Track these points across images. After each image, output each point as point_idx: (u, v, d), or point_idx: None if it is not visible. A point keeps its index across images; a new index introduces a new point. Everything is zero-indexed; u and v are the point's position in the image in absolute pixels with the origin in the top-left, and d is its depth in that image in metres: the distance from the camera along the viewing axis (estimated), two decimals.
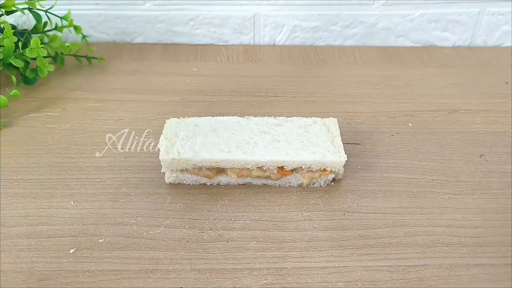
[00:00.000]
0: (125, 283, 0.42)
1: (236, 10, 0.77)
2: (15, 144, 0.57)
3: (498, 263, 0.44)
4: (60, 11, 0.70)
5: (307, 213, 0.49)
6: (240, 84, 0.69)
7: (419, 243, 0.46)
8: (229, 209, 0.49)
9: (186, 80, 0.70)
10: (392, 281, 0.42)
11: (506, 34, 0.79)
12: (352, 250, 0.45)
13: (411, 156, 0.56)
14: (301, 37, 0.80)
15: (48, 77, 0.67)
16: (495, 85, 0.69)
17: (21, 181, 0.52)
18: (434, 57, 0.77)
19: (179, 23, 0.78)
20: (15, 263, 0.43)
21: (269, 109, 0.63)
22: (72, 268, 0.43)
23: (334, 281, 0.42)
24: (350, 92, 0.67)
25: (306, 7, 0.76)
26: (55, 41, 0.68)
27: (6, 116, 0.61)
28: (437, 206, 0.50)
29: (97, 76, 0.70)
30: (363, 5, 0.76)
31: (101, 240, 0.45)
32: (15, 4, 0.63)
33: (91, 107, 0.64)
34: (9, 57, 0.61)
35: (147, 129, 0.59)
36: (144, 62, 0.74)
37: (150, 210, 0.49)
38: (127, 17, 0.78)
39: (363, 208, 0.49)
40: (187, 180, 0.52)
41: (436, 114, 0.63)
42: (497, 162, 0.55)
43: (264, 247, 0.45)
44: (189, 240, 0.46)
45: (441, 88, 0.69)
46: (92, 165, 0.54)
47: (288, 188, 0.52)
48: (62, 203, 0.49)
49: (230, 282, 0.42)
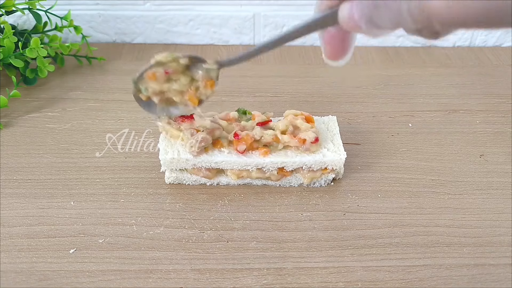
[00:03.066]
0: (125, 283, 0.42)
1: (236, 10, 0.77)
2: (15, 144, 0.57)
3: (498, 263, 0.44)
4: (60, 11, 0.70)
5: (307, 213, 0.49)
6: (240, 84, 0.69)
7: (419, 243, 0.46)
8: (229, 209, 0.49)
9: None
10: (392, 281, 0.42)
11: (506, 34, 0.79)
12: (352, 250, 0.45)
13: (411, 156, 0.56)
14: None
15: (48, 77, 0.67)
16: (495, 85, 0.69)
17: (21, 181, 0.52)
18: (434, 57, 0.77)
19: (179, 23, 0.78)
20: (15, 263, 0.43)
21: (269, 109, 0.63)
22: (72, 268, 0.43)
23: (334, 281, 0.42)
24: (350, 92, 0.67)
25: (306, 7, 0.76)
26: (55, 41, 0.68)
27: (6, 116, 0.61)
28: (437, 206, 0.50)
29: (97, 76, 0.70)
30: None
31: (101, 240, 0.45)
32: (15, 4, 0.63)
33: (91, 107, 0.64)
34: (9, 57, 0.61)
35: (147, 129, 0.59)
36: (144, 62, 0.73)
37: (150, 210, 0.49)
38: (127, 17, 0.78)
39: (363, 208, 0.49)
40: (187, 180, 0.52)
41: (436, 114, 0.63)
42: (497, 162, 0.55)
43: (264, 247, 0.45)
44: (189, 240, 0.46)
45: (441, 88, 0.69)
46: (92, 165, 0.54)
47: (288, 188, 0.52)
48: (62, 203, 0.49)
49: (230, 282, 0.42)
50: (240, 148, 0.49)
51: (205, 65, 0.45)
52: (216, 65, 0.45)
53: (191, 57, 0.45)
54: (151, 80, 0.46)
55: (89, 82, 0.69)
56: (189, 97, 0.47)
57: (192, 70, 0.46)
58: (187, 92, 0.47)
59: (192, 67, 0.46)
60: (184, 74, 0.46)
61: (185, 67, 0.46)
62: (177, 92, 0.47)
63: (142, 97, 0.48)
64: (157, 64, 0.45)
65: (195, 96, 0.47)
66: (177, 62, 0.45)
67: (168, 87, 0.46)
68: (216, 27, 0.79)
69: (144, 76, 0.46)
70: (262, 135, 0.49)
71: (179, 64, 0.45)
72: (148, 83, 0.46)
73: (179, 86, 0.46)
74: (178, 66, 0.45)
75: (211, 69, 0.45)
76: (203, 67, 0.45)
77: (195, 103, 0.47)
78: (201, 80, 0.46)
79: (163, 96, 0.47)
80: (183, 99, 0.47)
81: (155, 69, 0.46)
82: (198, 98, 0.47)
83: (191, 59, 0.45)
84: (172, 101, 0.48)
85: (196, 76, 0.46)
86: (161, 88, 0.46)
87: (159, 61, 0.45)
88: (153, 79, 0.46)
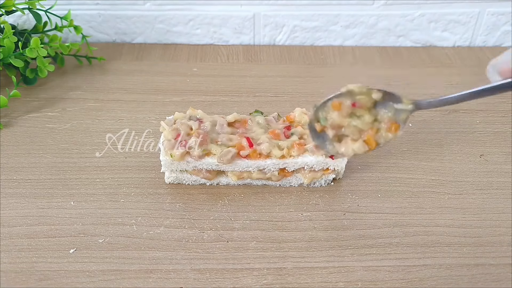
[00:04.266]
0: (125, 283, 0.42)
1: (236, 10, 0.77)
2: (15, 144, 0.57)
3: (498, 263, 0.44)
4: (60, 11, 0.70)
5: (307, 213, 0.49)
6: (240, 84, 0.69)
7: (419, 243, 0.46)
8: (229, 209, 0.49)
9: (186, 80, 0.70)
10: (392, 281, 0.42)
11: (506, 34, 0.79)
12: (352, 250, 0.45)
13: (411, 156, 0.56)
14: (301, 37, 0.80)
15: (48, 77, 0.67)
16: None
17: (21, 181, 0.52)
18: (434, 57, 0.77)
19: (179, 23, 0.78)
20: (15, 263, 0.43)
21: (269, 109, 0.63)
22: (72, 268, 0.43)
23: (334, 281, 0.42)
24: None
25: (306, 7, 0.76)
26: (55, 41, 0.68)
27: (6, 116, 0.61)
28: (437, 206, 0.50)
29: (97, 76, 0.70)
30: (363, 5, 0.76)
31: (101, 240, 0.45)
32: (15, 4, 0.63)
33: (91, 107, 0.64)
34: (9, 57, 0.61)
35: (147, 129, 0.59)
36: (144, 62, 0.74)
37: (150, 210, 0.49)
38: (127, 17, 0.77)
39: (363, 208, 0.49)
40: (186, 180, 0.52)
41: (436, 114, 0.63)
42: (497, 162, 0.55)
43: (264, 247, 0.45)
44: (189, 240, 0.46)
45: (441, 88, 0.69)
46: (92, 165, 0.54)
47: (288, 188, 0.52)
48: (62, 203, 0.49)
49: (230, 282, 0.42)
50: (243, 153, 0.48)
51: (397, 105, 0.41)
52: (412, 106, 0.40)
53: (386, 93, 0.41)
54: (335, 110, 0.43)
55: (89, 82, 0.69)
56: (367, 139, 0.43)
57: (379, 108, 0.42)
58: (366, 132, 0.43)
59: (380, 105, 0.42)
60: (369, 111, 0.42)
61: (373, 103, 0.42)
62: (356, 130, 0.43)
63: (317, 126, 0.44)
64: (346, 94, 0.42)
65: (374, 138, 0.43)
66: (369, 95, 0.41)
67: (349, 122, 0.43)
68: (216, 27, 0.79)
69: (328, 104, 0.43)
70: (269, 150, 0.48)
71: (369, 99, 0.42)
72: (330, 112, 0.43)
73: (361, 123, 0.43)
74: (368, 100, 0.42)
75: (403, 110, 0.41)
76: (394, 107, 0.41)
77: (372, 146, 0.44)
78: (386, 122, 0.42)
79: (339, 131, 0.44)
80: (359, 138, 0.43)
81: (344, 99, 0.42)
82: (376, 143, 0.43)
83: (385, 95, 0.41)
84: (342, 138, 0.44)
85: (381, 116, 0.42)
86: (342, 121, 0.43)
87: (351, 90, 0.42)
88: (337, 109, 0.42)
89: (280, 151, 0.48)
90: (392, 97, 0.42)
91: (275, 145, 0.49)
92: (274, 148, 0.48)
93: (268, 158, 0.49)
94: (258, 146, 0.48)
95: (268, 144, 0.48)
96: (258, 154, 0.48)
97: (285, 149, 0.48)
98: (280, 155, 0.48)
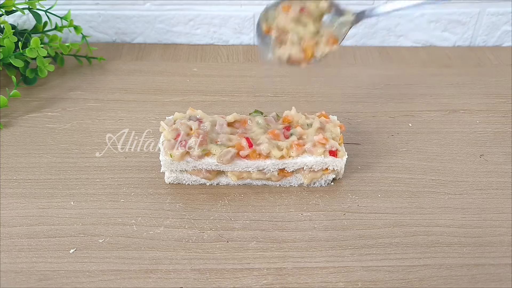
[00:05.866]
0: (125, 283, 0.42)
1: (236, 10, 0.77)
2: (15, 144, 0.57)
3: (498, 263, 0.44)
4: (60, 11, 0.70)
5: (307, 213, 0.49)
6: (240, 84, 0.69)
7: (419, 243, 0.46)
8: (229, 209, 0.49)
9: (186, 80, 0.70)
10: (392, 281, 0.42)
11: (506, 34, 0.79)
12: (352, 250, 0.45)
13: (411, 156, 0.56)
14: None
15: (48, 77, 0.67)
16: (495, 85, 0.69)
17: (21, 181, 0.52)
18: (434, 57, 0.77)
19: (179, 23, 0.78)
20: (15, 263, 0.43)
21: (269, 109, 0.63)
22: (72, 268, 0.43)
23: (334, 281, 0.42)
24: (350, 92, 0.67)
25: None
26: (55, 41, 0.68)
27: (6, 116, 0.61)
28: (437, 206, 0.50)
29: (97, 76, 0.70)
30: (363, 5, 0.76)
31: (101, 240, 0.45)
32: (15, 4, 0.63)
33: (91, 107, 0.64)
34: (9, 57, 0.61)
35: (147, 129, 0.59)
36: (144, 62, 0.74)
37: (150, 210, 0.49)
38: (127, 17, 0.77)
39: (363, 208, 0.49)
40: (186, 180, 0.52)
41: (436, 114, 0.63)
42: (497, 162, 0.55)
43: (264, 247, 0.45)
44: (189, 240, 0.46)
45: (441, 88, 0.69)
46: (92, 165, 0.54)
47: (288, 188, 0.52)
48: (62, 203, 0.49)
49: (230, 282, 0.42)
50: (242, 154, 0.49)
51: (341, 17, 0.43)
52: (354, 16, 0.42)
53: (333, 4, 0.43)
54: (284, 12, 0.44)
55: (89, 82, 0.69)
56: (305, 47, 0.45)
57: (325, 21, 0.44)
58: (306, 41, 0.45)
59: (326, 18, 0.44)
60: (314, 22, 0.44)
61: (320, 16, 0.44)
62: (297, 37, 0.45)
63: (264, 26, 0.45)
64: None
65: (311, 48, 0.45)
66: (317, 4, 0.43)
67: (293, 28, 0.44)
68: (216, 27, 0.79)
69: (279, 5, 0.44)
70: (269, 151, 0.48)
71: (317, 7, 0.43)
72: (279, 13, 0.44)
73: (304, 31, 0.44)
74: (316, 9, 0.43)
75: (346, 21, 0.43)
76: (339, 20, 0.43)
77: (308, 55, 0.45)
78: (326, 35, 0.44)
79: (282, 35, 0.45)
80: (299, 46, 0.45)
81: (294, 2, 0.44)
82: (313, 53, 0.45)
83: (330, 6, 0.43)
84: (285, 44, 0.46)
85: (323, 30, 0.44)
86: (287, 24, 0.44)
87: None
88: (286, 11, 0.44)
89: (279, 151, 0.48)
90: (338, 10, 0.44)
91: (275, 145, 0.49)
92: (273, 148, 0.48)
93: (268, 159, 0.49)
94: (257, 147, 0.49)
95: (268, 145, 0.48)
96: (258, 154, 0.49)
97: (284, 149, 0.48)
98: (279, 155, 0.48)
